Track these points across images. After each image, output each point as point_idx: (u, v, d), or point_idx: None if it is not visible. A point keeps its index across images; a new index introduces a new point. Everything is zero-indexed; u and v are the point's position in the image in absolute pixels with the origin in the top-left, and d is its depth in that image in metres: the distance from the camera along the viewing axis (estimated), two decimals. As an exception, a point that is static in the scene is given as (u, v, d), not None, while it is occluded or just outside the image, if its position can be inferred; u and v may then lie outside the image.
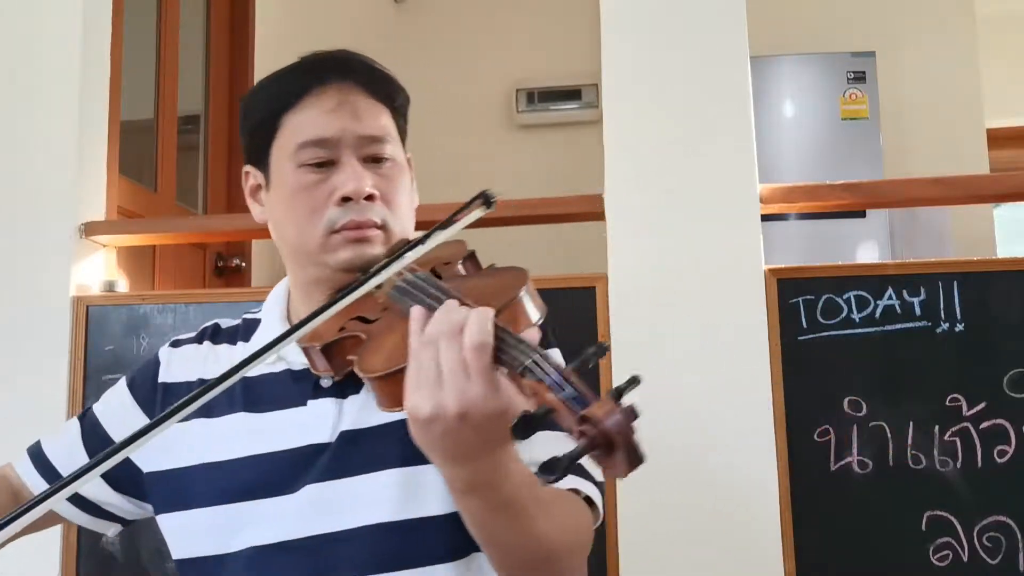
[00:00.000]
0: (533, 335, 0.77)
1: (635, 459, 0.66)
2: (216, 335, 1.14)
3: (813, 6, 3.98)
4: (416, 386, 0.77)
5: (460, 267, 1.01)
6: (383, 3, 4.38)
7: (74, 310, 1.86)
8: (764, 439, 1.63)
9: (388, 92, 1.08)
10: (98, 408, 1.14)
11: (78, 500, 1.11)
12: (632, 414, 0.66)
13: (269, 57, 3.04)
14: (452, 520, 0.95)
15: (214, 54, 3.09)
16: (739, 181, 1.73)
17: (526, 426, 0.69)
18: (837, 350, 1.65)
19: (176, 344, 1.15)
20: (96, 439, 1.11)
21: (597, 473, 0.98)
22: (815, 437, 1.63)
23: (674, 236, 1.72)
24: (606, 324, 1.71)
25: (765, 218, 1.73)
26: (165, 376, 1.11)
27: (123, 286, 1.94)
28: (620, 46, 1.80)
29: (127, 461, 1.05)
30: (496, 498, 0.82)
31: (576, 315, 1.73)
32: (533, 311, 0.87)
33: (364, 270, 0.99)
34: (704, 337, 1.68)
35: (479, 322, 0.76)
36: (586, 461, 0.90)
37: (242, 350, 1.10)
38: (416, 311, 0.81)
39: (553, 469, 0.66)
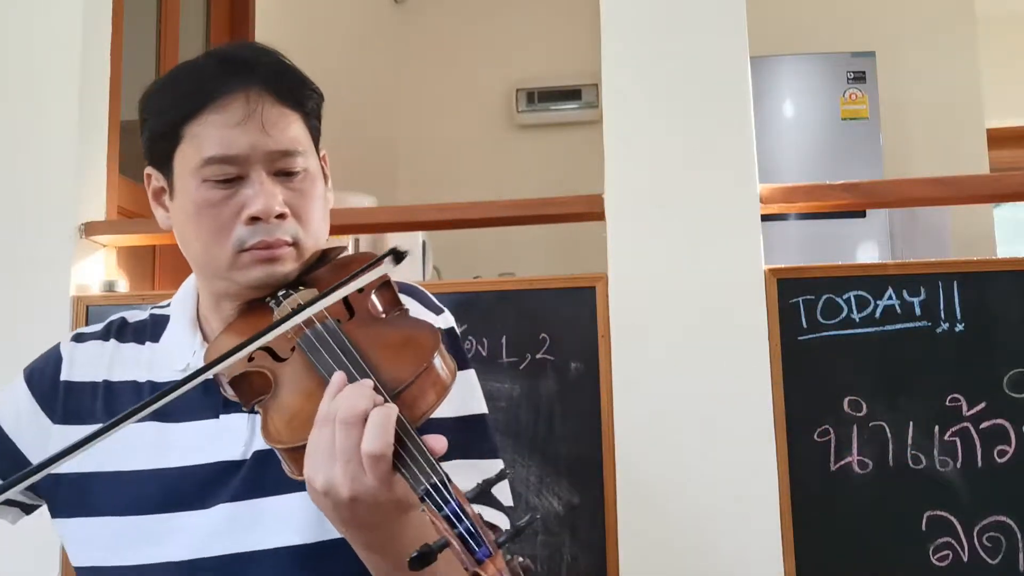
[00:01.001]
0: (438, 445, 0.76)
1: None
2: (122, 332, 1.08)
3: (813, 6, 3.99)
4: (312, 456, 0.78)
5: (374, 297, 0.96)
6: (383, 3, 4.38)
7: (74, 310, 1.86)
8: (764, 439, 1.63)
9: (298, 96, 0.99)
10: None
11: None
12: (528, 572, 0.69)
13: (269, 57, 3.04)
14: None
15: (214, 54, 3.08)
16: (739, 181, 1.73)
17: (423, 561, 0.69)
18: (837, 350, 1.65)
19: (80, 338, 1.08)
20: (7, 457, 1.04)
21: (505, 496, 0.98)
22: (815, 437, 1.63)
23: (674, 236, 1.72)
24: (606, 324, 1.71)
25: (765, 218, 1.73)
26: (67, 374, 1.05)
27: (123, 286, 1.94)
28: (620, 46, 1.80)
29: (20, 457, 1.02)
30: (397, 556, 0.82)
31: (576, 315, 1.73)
32: (445, 376, 0.85)
33: (275, 287, 0.97)
34: (704, 337, 1.68)
35: (379, 426, 0.75)
36: (498, 488, 0.93)
37: (149, 352, 1.05)
38: (337, 379, 0.80)
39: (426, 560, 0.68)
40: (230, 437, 0.97)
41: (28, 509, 1.09)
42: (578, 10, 3.99)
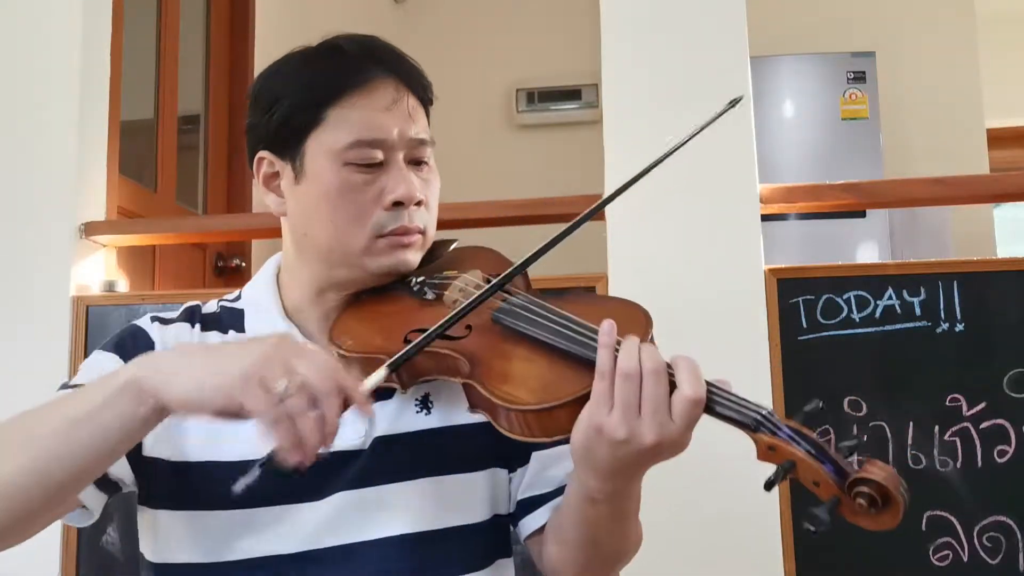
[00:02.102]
0: (727, 385, 0.82)
1: (905, 507, 0.72)
2: (202, 321, 1.04)
3: (813, 6, 3.98)
4: (612, 410, 0.79)
5: (519, 281, 1.00)
6: (383, 3, 4.39)
7: (74, 310, 1.85)
8: (764, 439, 1.63)
9: (425, 88, 1.03)
10: (78, 379, 0.99)
11: None
12: (898, 473, 0.74)
13: (269, 57, 3.04)
14: (482, 529, 0.96)
15: (214, 54, 3.09)
16: (739, 181, 1.73)
17: (777, 479, 0.77)
18: (837, 350, 1.65)
19: (162, 321, 1.03)
20: None
21: None
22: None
23: (674, 236, 1.72)
24: (606, 324, 1.70)
25: (765, 218, 1.73)
26: (162, 349, 0.99)
27: (123, 286, 1.94)
28: (620, 46, 1.80)
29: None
30: (622, 507, 0.88)
31: (576, 315, 1.73)
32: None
33: (402, 276, 0.99)
34: (704, 337, 1.68)
35: (693, 372, 0.82)
36: None
37: (234, 339, 1.01)
38: (607, 324, 0.82)
39: (821, 521, 0.73)
40: (347, 427, 0.93)
41: (111, 496, 0.98)
42: (578, 10, 3.99)
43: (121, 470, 0.96)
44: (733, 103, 0.94)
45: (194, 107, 3.00)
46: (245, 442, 0.91)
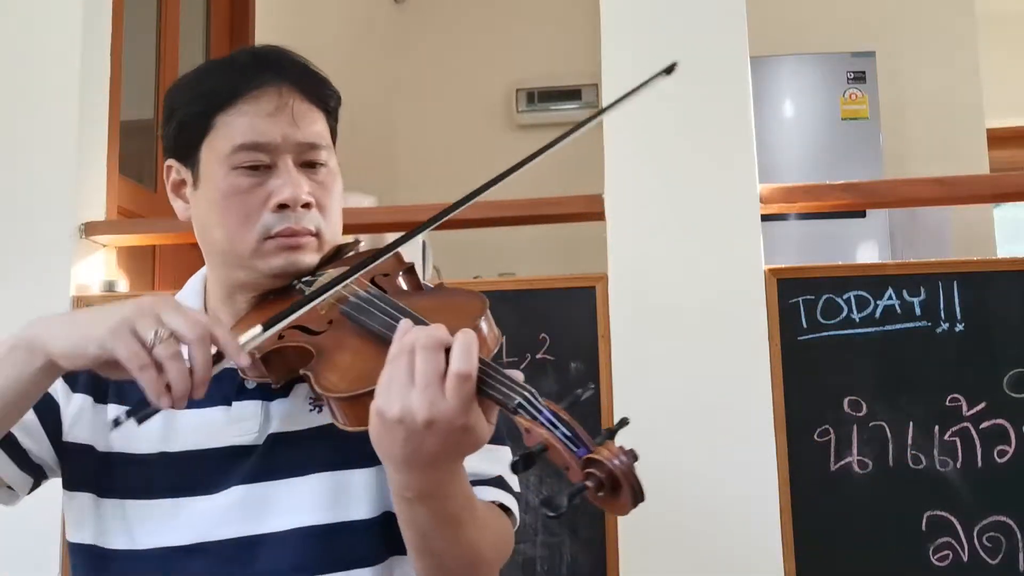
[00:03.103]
0: (517, 375, 0.78)
1: (638, 498, 0.70)
2: None
3: (813, 6, 3.98)
4: (387, 388, 0.78)
5: (400, 280, 1.01)
6: (383, 3, 4.38)
7: (74, 310, 1.85)
8: (764, 439, 1.63)
9: (322, 95, 1.05)
10: None
11: (8, 445, 1.02)
12: (634, 456, 0.71)
13: (269, 57, 3.04)
14: (375, 524, 0.97)
15: (214, 54, 3.09)
16: (739, 181, 1.73)
17: (526, 463, 0.72)
18: (837, 350, 1.65)
19: None
20: (49, 413, 1.03)
21: (515, 483, 1.01)
22: (815, 437, 1.63)
23: (674, 236, 1.72)
24: (606, 324, 1.71)
25: (765, 218, 1.73)
26: None
27: (123, 286, 1.94)
28: (620, 46, 1.80)
29: (54, 407, 1.02)
30: (443, 509, 0.85)
31: (576, 315, 1.73)
32: (492, 340, 0.88)
33: (296, 276, 1.00)
34: (704, 337, 1.68)
35: (466, 348, 0.77)
36: (509, 475, 0.97)
37: None
38: (404, 323, 0.82)
39: (556, 506, 0.69)
40: (243, 423, 0.98)
41: (37, 481, 1.05)
42: (578, 10, 3.99)
43: (43, 451, 1.02)
44: (669, 70, 0.93)
45: (194, 107, 2.99)
46: (147, 438, 0.98)
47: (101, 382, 1.03)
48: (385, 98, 4.24)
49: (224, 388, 0.99)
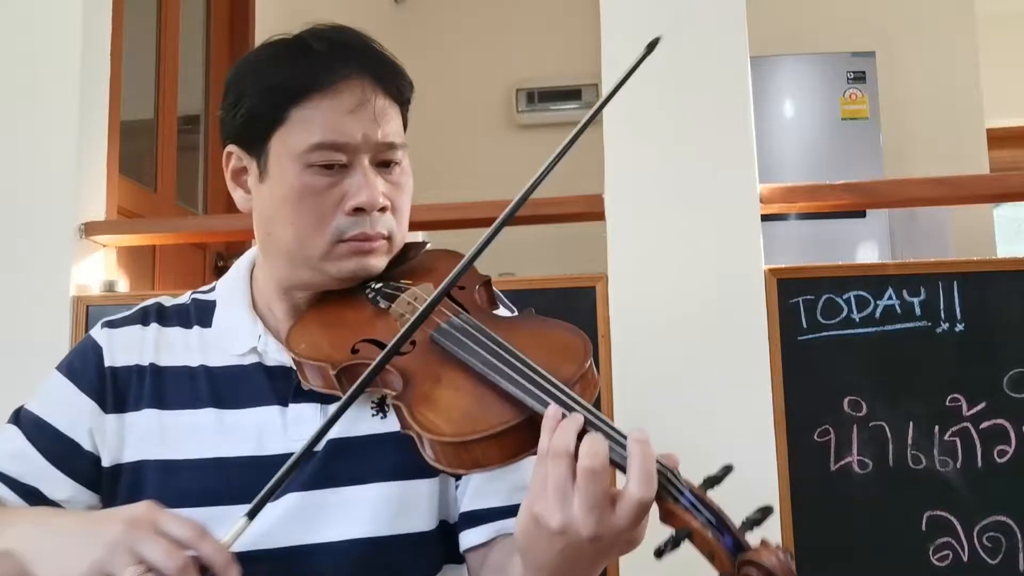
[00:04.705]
0: (673, 459, 0.74)
1: None
2: (162, 316, 1.04)
3: (813, 6, 3.98)
4: (543, 493, 0.73)
5: (477, 295, 0.98)
6: (383, 3, 4.38)
7: (74, 310, 1.85)
8: (764, 439, 1.63)
9: (400, 87, 1.01)
10: (35, 407, 1.02)
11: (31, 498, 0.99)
12: (791, 556, 0.69)
13: (269, 57, 3.04)
14: (432, 535, 0.95)
15: (214, 54, 3.09)
16: (739, 181, 1.72)
17: (673, 546, 0.69)
18: (837, 350, 1.65)
19: (112, 325, 1.04)
20: (46, 439, 0.99)
21: None
22: (815, 437, 1.63)
23: (674, 236, 1.72)
24: (606, 324, 1.71)
25: (765, 218, 1.73)
26: (111, 361, 1.01)
27: (123, 286, 1.94)
28: (620, 46, 1.80)
29: (94, 459, 0.98)
30: None
31: (576, 315, 1.72)
32: (596, 381, 0.85)
33: (365, 281, 0.97)
34: (704, 337, 1.68)
35: (647, 473, 0.71)
36: None
37: (198, 336, 1.02)
38: (552, 411, 0.75)
39: None
40: (301, 428, 0.95)
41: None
42: (578, 10, 3.99)
43: (74, 494, 0.99)
44: (651, 47, 0.89)
45: (194, 107, 3.00)
46: (200, 441, 0.94)
47: (102, 390, 1.00)
48: (385, 98, 4.23)
49: (279, 387, 0.96)
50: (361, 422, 0.96)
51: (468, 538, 0.96)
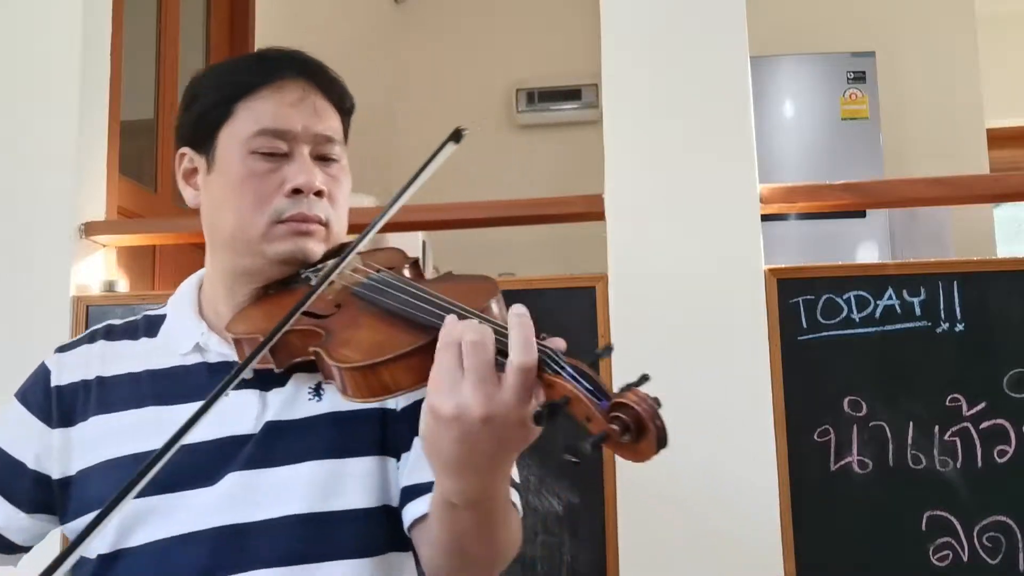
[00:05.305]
0: (558, 343, 0.79)
1: (662, 442, 0.72)
2: (111, 334, 1.11)
3: (813, 6, 3.98)
4: (437, 385, 0.77)
5: (406, 273, 1.03)
6: (383, 3, 4.38)
7: (74, 310, 1.86)
8: (764, 439, 1.63)
9: (340, 95, 1.09)
10: None
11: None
12: (658, 402, 0.73)
13: (269, 57, 3.04)
14: (373, 515, 0.97)
15: (214, 54, 3.09)
16: (739, 181, 1.73)
17: (551, 414, 0.73)
18: (837, 350, 1.65)
19: (63, 349, 1.11)
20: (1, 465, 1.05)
21: (516, 475, 1.00)
22: (815, 437, 1.63)
23: (674, 236, 1.72)
24: (606, 324, 1.71)
25: (765, 218, 1.73)
26: (57, 381, 1.07)
27: (123, 286, 1.94)
28: (620, 46, 1.80)
29: (38, 477, 1.03)
30: (486, 515, 0.85)
31: (576, 315, 1.73)
32: (503, 320, 0.89)
33: (302, 265, 1.02)
34: (704, 337, 1.68)
35: (524, 338, 0.76)
36: (513, 469, 0.96)
37: (144, 345, 1.08)
38: (450, 318, 0.81)
39: (577, 452, 0.71)
40: (239, 413, 0.99)
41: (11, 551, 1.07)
42: (578, 10, 3.99)
43: (24, 532, 1.05)
44: (456, 136, 0.95)
45: (194, 107, 2.99)
46: (143, 436, 0.98)
47: (48, 409, 1.05)
48: (385, 98, 4.23)
49: (219, 380, 0.97)
50: (298, 405, 0.99)
51: (410, 511, 0.98)
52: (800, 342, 1.66)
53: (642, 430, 0.71)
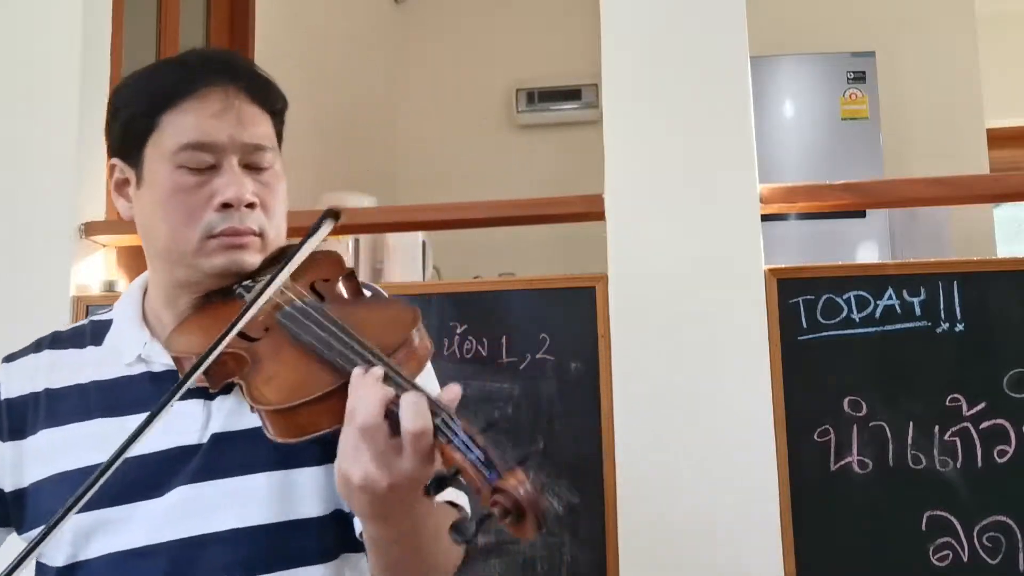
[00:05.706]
0: (452, 392, 0.79)
1: (541, 526, 0.71)
2: (57, 342, 1.11)
3: (813, 6, 3.99)
4: (345, 452, 0.79)
5: (340, 286, 1.02)
6: (383, 3, 4.38)
7: (74, 310, 1.86)
8: (764, 439, 1.63)
9: (269, 97, 1.05)
10: None
11: None
12: (539, 486, 0.72)
13: (269, 57, 3.04)
14: (325, 522, 0.97)
15: (214, 54, 3.08)
16: (739, 181, 1.73)
17: (438, 487, 0.74)
18: (837, 350, 1.65)
19: (10, 359, 1.11)
20: None
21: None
22: (815, 437, 1.63)
23: (674, 236, 1.72)
24: (606, 324, 1.71)
25: (765, 218, 1.73)
26: (7, 393, 1.06)
27: (123, 286, 1.94)
28: (620, 46, 1.80)
29: None
30: (413, 545, 0.87)
31: (576, 315, 1.73)
32: (424, 352, 0.91)
33: (239, 276, 1.00)
34: (704, 337, 1.68)
35: (414, 408, 0.76)
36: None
37: (91, 354, 1.07)
38: (356, 372, 0.81)
39: (464, 533, 0.71)
40: (185, 423, 0.98)
41: None
42: (578, 10, 3.99)
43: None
44: (333, 215, 0.93)
45: (194, 107, 2.99)
46: (92, 449, 0.97)
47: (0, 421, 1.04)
48: (385, 98, 4.24)
49: (164, 389, 0.97)
50: (243, 416, 0.99)
51: (357, 523, 0.98)
52: (800, 342, 1.66)
53: (521, 515, 0.71)
